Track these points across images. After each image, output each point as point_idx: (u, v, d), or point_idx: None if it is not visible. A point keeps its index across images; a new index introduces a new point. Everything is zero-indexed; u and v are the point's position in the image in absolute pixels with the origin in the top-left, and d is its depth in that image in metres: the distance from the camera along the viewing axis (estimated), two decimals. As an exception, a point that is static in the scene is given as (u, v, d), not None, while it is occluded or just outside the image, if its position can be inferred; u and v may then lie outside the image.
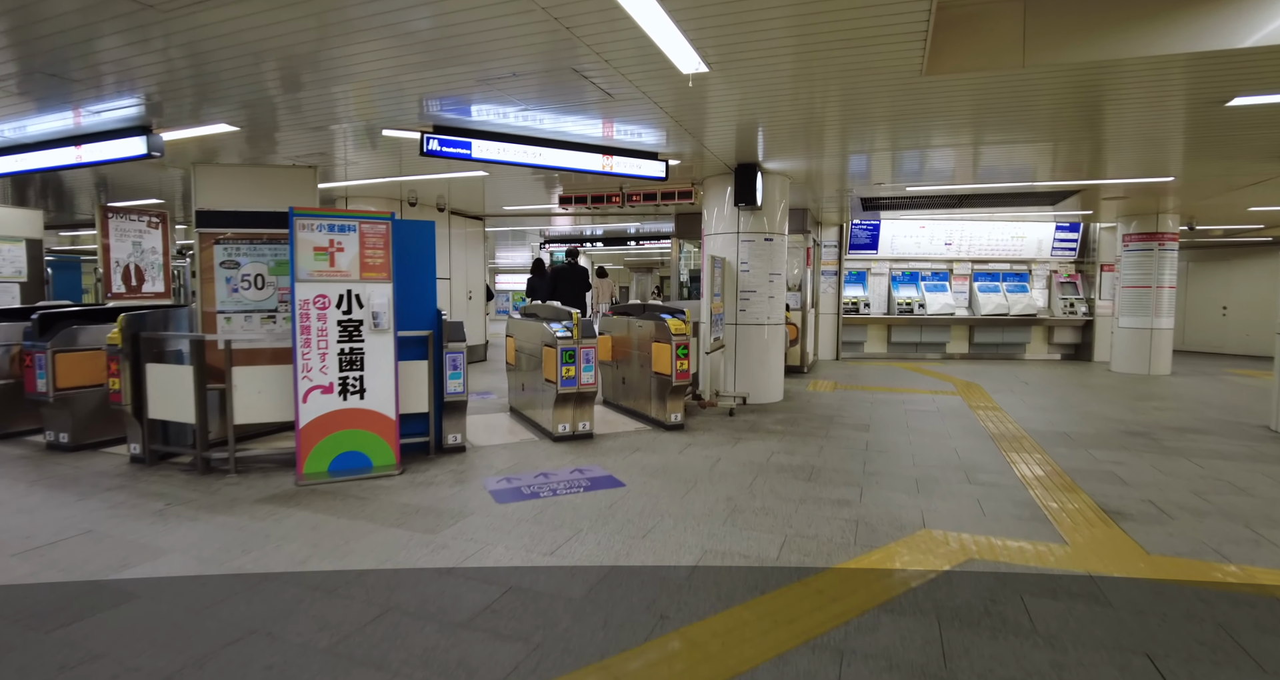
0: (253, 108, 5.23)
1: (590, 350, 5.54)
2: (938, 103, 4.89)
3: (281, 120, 5.53)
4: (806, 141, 6.21)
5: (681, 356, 5.91)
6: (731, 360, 7.60)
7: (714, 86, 4.54)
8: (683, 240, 11.30)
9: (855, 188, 8.92)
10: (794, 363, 10.13)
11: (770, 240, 7.54)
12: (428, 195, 9.92)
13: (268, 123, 5.61)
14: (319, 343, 4.66)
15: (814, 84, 4.48)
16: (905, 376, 10.41)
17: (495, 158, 5.79)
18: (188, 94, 4.93)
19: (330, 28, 3.63)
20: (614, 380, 7.30)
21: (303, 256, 4.59)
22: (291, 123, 5.62)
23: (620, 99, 4.80)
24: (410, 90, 4.74)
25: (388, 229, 4.77)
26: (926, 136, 6.05)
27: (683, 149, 6.45)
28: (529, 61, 4.06)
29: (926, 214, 12.15)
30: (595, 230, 15.79)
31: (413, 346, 5.13)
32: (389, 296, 4.77)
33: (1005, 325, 12.94)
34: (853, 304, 12.89)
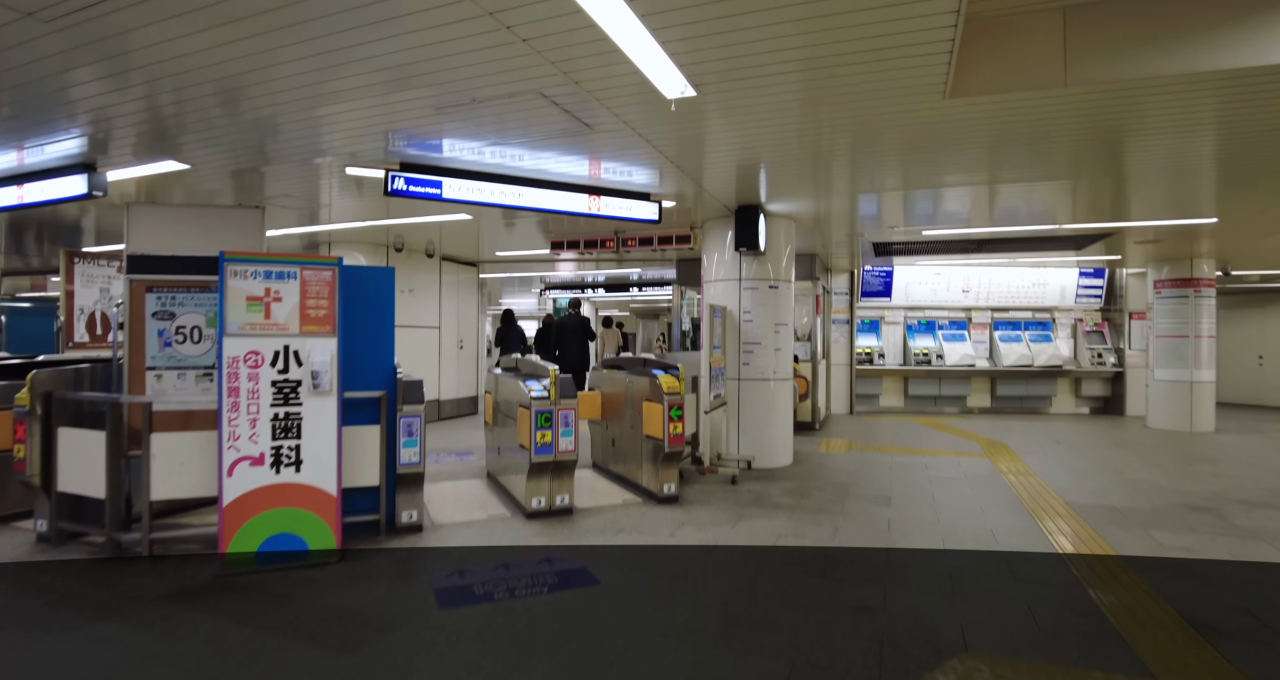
0: (200, 143, 4.73)
1: (569, 412, 4.87)
2: (958, 132, 4.31)
3: (236, 157, 5.03)
4: (813, 180, 5.64)
5: (675, 418, 5.22)
6: (734, 419, 6.89)
7: (704, 114, 3.98)
8: (684, 287, 10.73)
9: (866, 232, 8.35)
10: (804, 418, 9.38)
11: (775, 288, 6.92)
12: (415, 240, 9.44)
13: (221, 160, 5.11)
14: (249, 406, 4.02)
15: (821, 110, 3.91)
16: (925, 434, 9.62)
17: (469, 198, 5.25)
18: (126, 127, 4.44)
19: (257, 43, 3.11)
20: (604, 441, 6.60)
21: (233, 307, 4.00)
22: (248, 160, 5.12)
23: (600, 130, 4.25)
24: (367, 122, 4.22)
25: (334, 276, 4.18)
26: (942, 174, 5.48)
27: (677, 189, 5.90)
28: (489, 85, 3.53)
29: (942, 259, 11.55)
30: (597, 276, 15.29)
31: (362, 409, 4.48)
32: (332, 353, 4.15)
33: (1029, 377, 12.17)
34: (866, 354, 12.19)
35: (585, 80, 3.44)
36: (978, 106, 3.82)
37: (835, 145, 4.63)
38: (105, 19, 2.87)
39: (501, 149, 4.80)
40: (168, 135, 4.60)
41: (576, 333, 11.36)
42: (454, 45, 3.05)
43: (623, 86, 3.52)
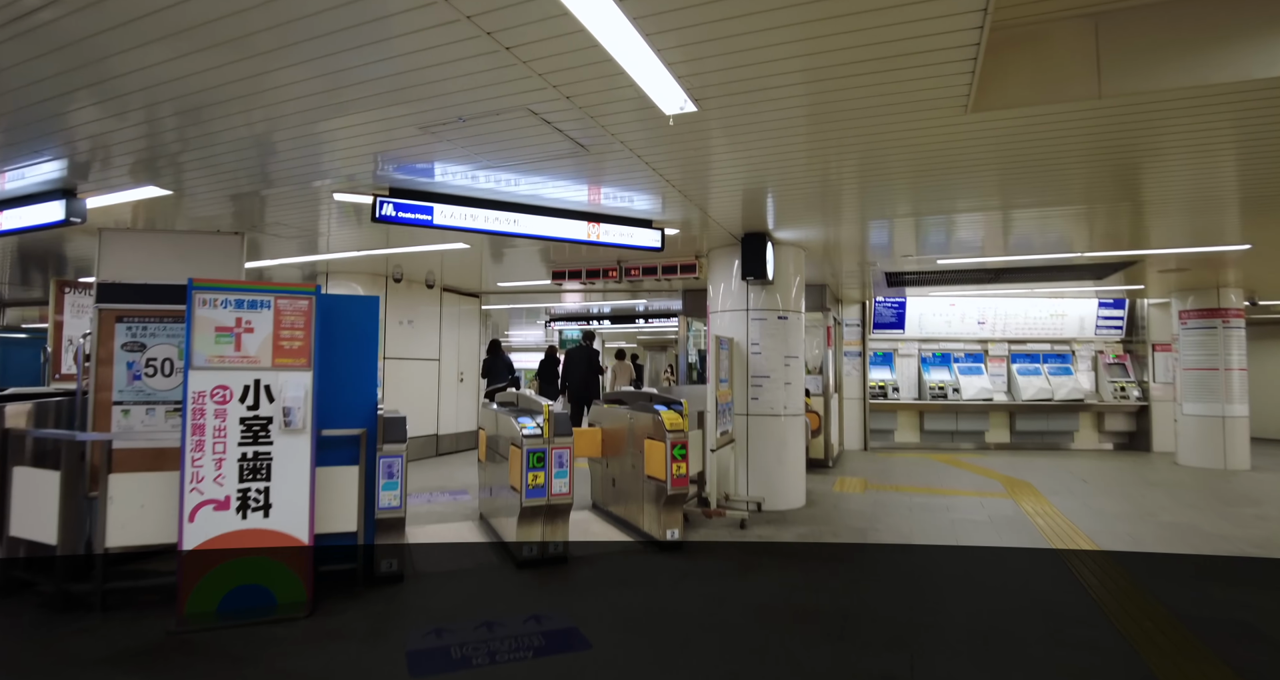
0: (180, 168, 4.53)
1: (564, 452, 4.53)
2: (976, 152, 4.03)
3: (218, 182, 4.82)
4: (823, 205, 5.37)
5: (678, 458, 4.87)
6: (743, 458, 6.51)
7: (706, 132, 3.73)
8: (690, 318, 10.45)
9: (879, 261, 8.06)
10: (817, 455, 8.97)
11: (785, 318, 6.61)
12: (415, 270, 9.23)
13: (203, 186, 4.90)
14: (215, 446, 3.72)
15: (830, 127, 3.65)
16: (944, 472, 9.17)
17: (461, 224, 5.01)
18: (106, 150, 4.24)
19: (240, 68, 2.89)
20: (604, 480, 6.23)
21: (200, 338, 3.72)
22: (231, 186, 4.91)
23: (597, 151, 4.00)
24: (350, 146, 4.00)
25: (310, 306, 3.91)
26: (957, 199, 5.18)
27: (680, 216, 5.64)
28: (473, 101, 3.29)
29: (956, 290, 11.22)
30: (603, 307, 15.05)
31: (340, 448, 4.16)
32: (307, 388, 3.85)
33: (1049, 411, 11.71)
34: (880, 388, 11.78)
35: (577, 95, 3.19)
36: (1000, 123, 3.54)
37: (845, 167, 4.36)
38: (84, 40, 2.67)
39: (495, 174, 4.57)
40: (148, 160, 4.40)
41: (583, 364, 11.11)
42: (432, 55, 2.82)
43: (618, 101, 3.27)
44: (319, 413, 3.98)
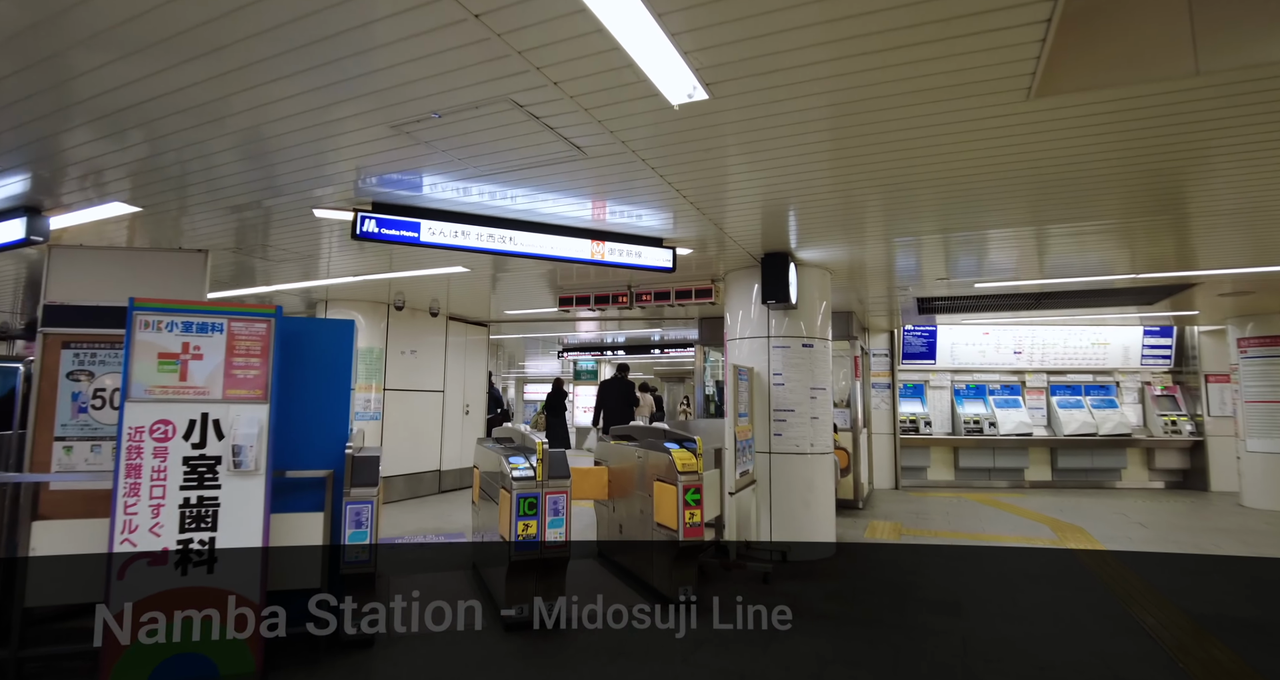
0: (148, 182, 4.13)
1: (560, 496, 3.98)
2: (1031, 148, 3.48)
3: (185, 198, 4.41)
4: (849, 218, 4.84)
5: (692, 503, 4.28)
6: (765, 501, 5.88)
7: (720, 127, 3.22)
8: (707, 348, 9.89)
9: (910, 286, 7.48)
10: (846, 496, 8.27)
11: (810, 346, 6.03)
12: (418, 298, 8.82)
13: (173, 202, 4.50)
14: (153, 490, 3.23)
15: (864, 118, 3.13)
16: (984, 514, 8.43)
17: (451, 242, 4.55)
18: (67, 163, 3.87)
19: (186, 72, 2.47)
20: (610, 524, 5.63)
21: (141, 366, 3.26)
22: (203, 203, 4.50)
23: (596, 154, 3.53)
24: (318, 147, 3.56)
25: (269, 330, 3.44)
26: (1003, 210, 4.60)
27: (694, 233, 5.14)
28: (447, 90, 2.83)
29: (991, 317, 10.56)
30: (617, 337, 14.58)
31: (302, 492, 3.65)
32: (262, 423, 3.36)
33: (1094, 447, 10.91)
34: (911, 422, 11.07)
35: (565, 80, 2.72)
36: (1065, 113, 3.01)
37: (879, 168, 3.81)
38: None
39: (486, 186, 4.12)
40: (114, 172, 4.02)
41: (616, 396, 10.77)
42: (387, 28, 2.37)
43: (615, 88, 2.80)
44: (279, 452, 3.49)
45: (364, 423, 8.53)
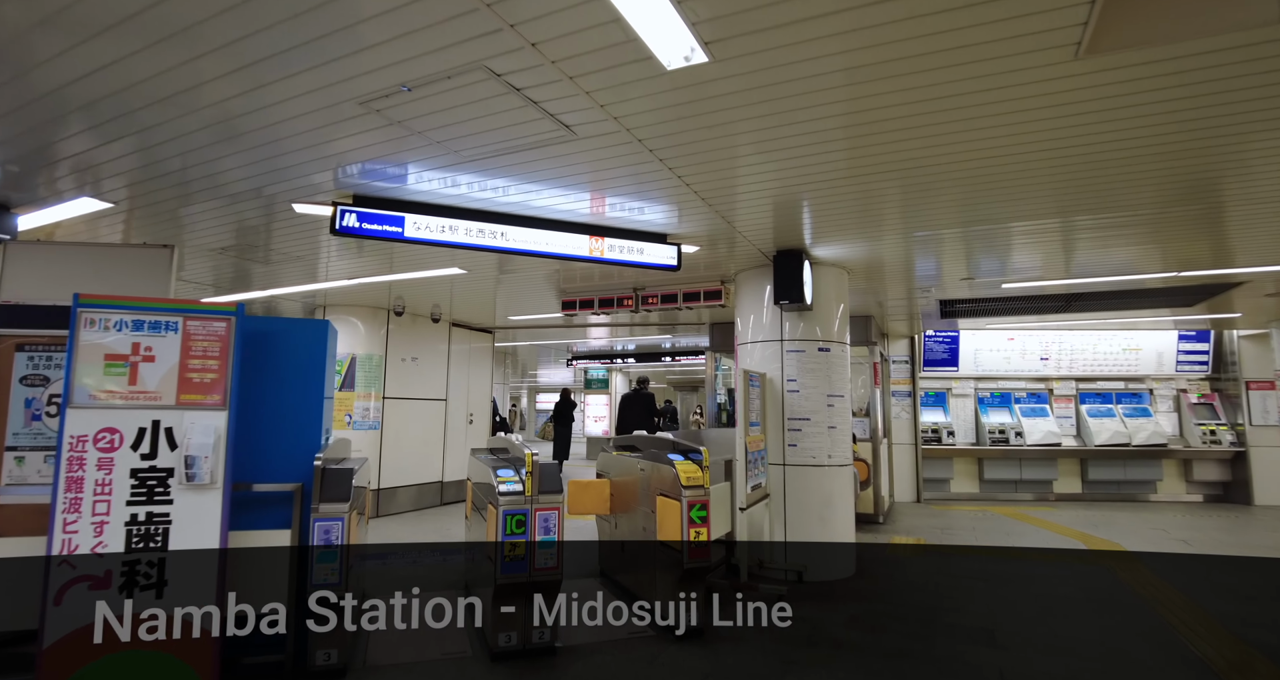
0: (118, 176, 3.87)
1: (551, 514, 3.63)
2: (1074, 118, 3.10)
3: (156, 192, 4.14)
4: (867, 210, 4.47)
5: (697, 520, 3.91)
6: (779, 517, 5.48)
7: (723, 98, 2.87)
8: (718, 354, 9.51)
9: (932, 289, 7.08)
10: (866, 510, 7.84)
11: (826, 350, 5.65)
12: (419, 302, 8.53)
13: (143, 197, 4.24)
14: (96, 505, 2.92)
15: (886, 84, 2.77)
16: (1013, 529, 7.95)
17: (438, 238, 4.24)
18: (30, 156, 3.62)
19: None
20: (612, 541, 5.26)
21: (86, 368, 2.96)
22: (177, 195, 4.23)
23: (586, 134, 3.20)
24: (290, 128, 3.26)
25: (229, 329, 3.13)
26: (1033, 198, 4.23)
27: (701, 228, 4.79)
28: (414, 57, 2.52)
29: (1017, 321, 10.10)
30: (627, 345, 14.23)
31: (268, 508, 3.33)
32: (219, 432, 3.04)
33: (1127, 458, 10.39)
34: (933, 432, 10.60)
35: (544, 41, 2.40)
36: (1115, 75, 2.63)
37: (905, 150, 3.44)
38: None
39: (472, 175, 3.80)
40: (81, 166, 3.76)
41: (638, 408, 10.58)
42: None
43: (602, 50, 2.47)
44: (242, 463, 3.18)
45: (362, 432, 8.24)
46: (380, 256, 6.00)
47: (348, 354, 8.35)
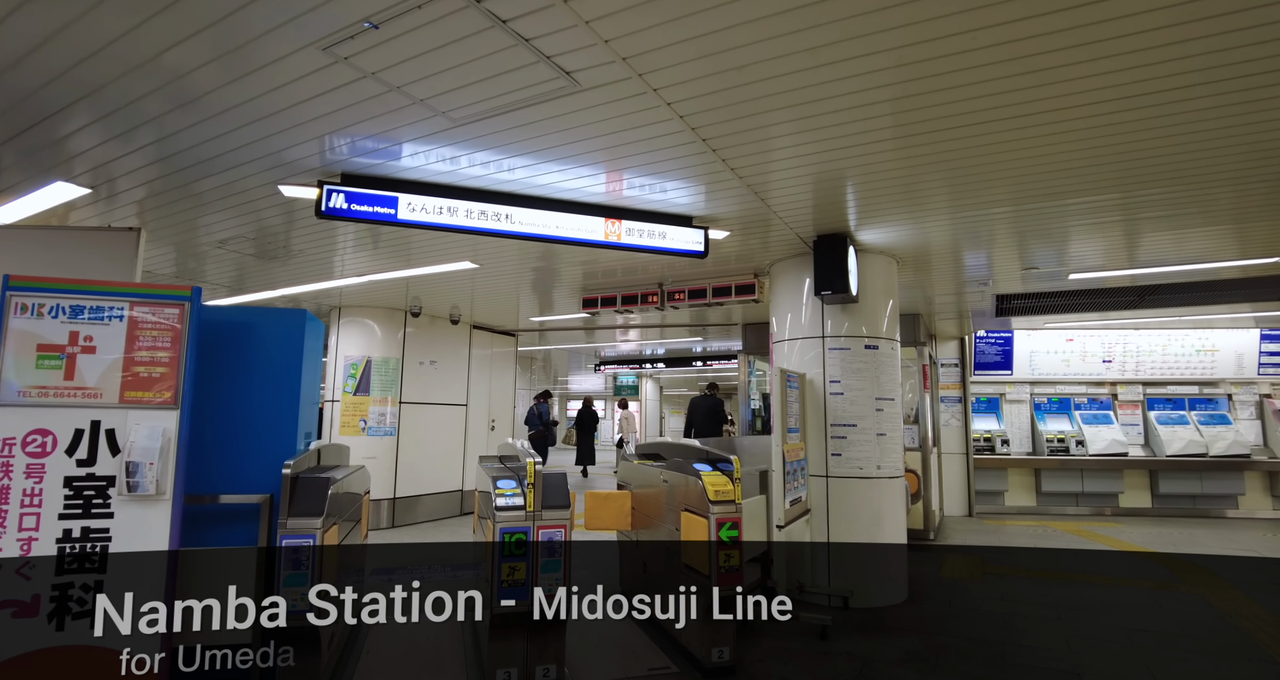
0: (79, 150, 3.52)
1: (557, 531, 3.13)
2: (1163, 69, 2.52)
3: (135, 170, 3.79)
4: (916, 185, 3.90)
5: (727, 541, 3.37)
6: (822, 535, 4.90)
7: (759, 26, 2.35)
8: (752, 357, 8.95)
9: (988, 283, 6.43)
10: (915, 525, 7.17)
11: (875, 348, 5.06)
12: (436, 303, 8.15)
13: (120, 181, 3.89)
14: (23, 519, 2.52)
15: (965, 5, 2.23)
16: (1081, 549, 7.18)
17: (435, 221, 3.81)
18: None
19: None
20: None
21: (15, 361, 2.57)
22: (157, 176, 3.88)
23: (592, 84, 2.71)
24: (257, 89, 2.86)
25: (182, 315, 2.72)
26: (1113, 174, 3.63)
27: (731, 207, 4.26)
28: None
29: (1078, 319, 9.32)
30: (657, 349, 13.73)
31: (231, 523, 2.90)
32: (170, 435, 2.63)
33: (1203, 470, 9.51)
34: (985, 440, 9.85)
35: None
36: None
37: (979, 95, 2.89)
38: None
39: (466, 148, 3.36)
40: (49, 146, 3.43)
41: (704, 412, 10.36)
42: None
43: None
44: (201, 471, 2.77)
45: (377, 438, 7.89)
46: (384, 249, 5.61)
47: (363, 357, 8.02)
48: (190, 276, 6.37)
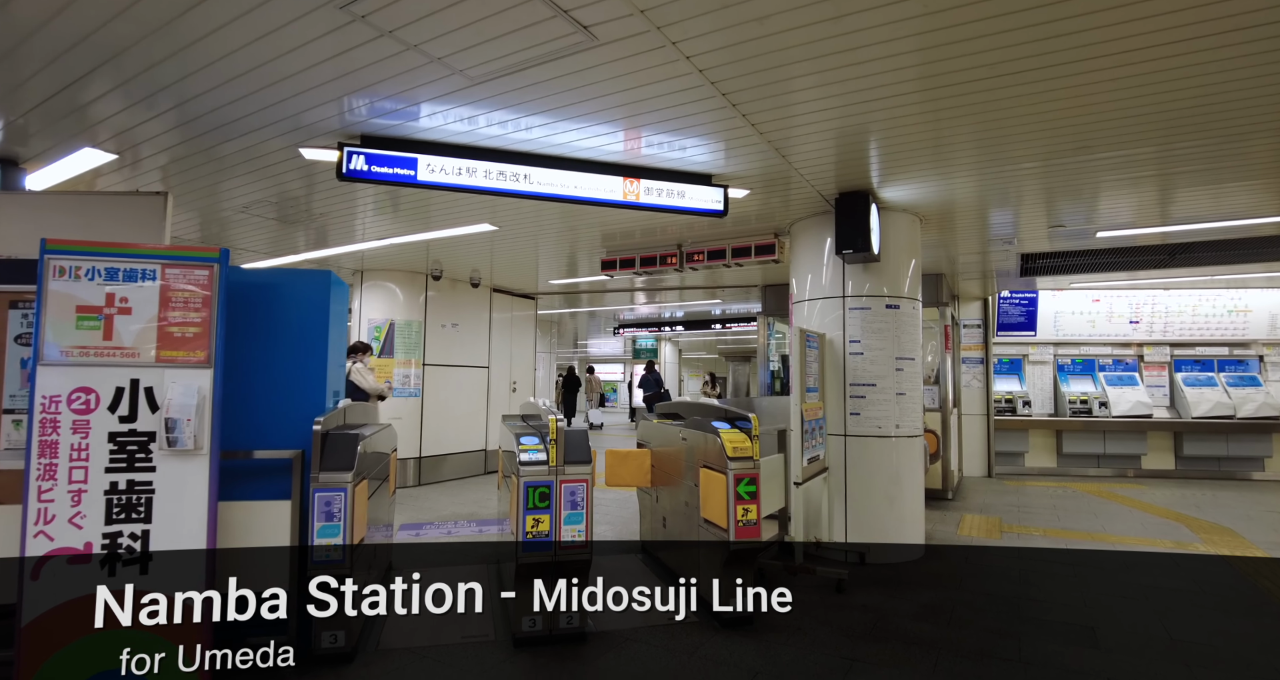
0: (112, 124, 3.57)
1: (579, 485, 3.21)
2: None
3: (158, 135, 3.83)
4: (943, 139, 3.82)
5: (745, 496, 3.44)
6: (839, 492, 4.95)
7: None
8: (771, 318, 8.93)
9: (1013, 242, 6.31)
10: (934, 485, 7.21)
11: (896, 308, 5.03)
12: (457, 266, 8.21)
13: (144, 146, 3.94)
14: (72, 472, 2.64)
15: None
16: (1101, 509, 7.21)
17: (454, 182, 3.82)
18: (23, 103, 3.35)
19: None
20: (654, 516, 4.85)
21: (55, 322, 2.66)
22: (180, 141, 3.92)
23: (609, 37, 2.67)
24: (274, 47, 2.86)
25: (212, 277, 2.78)
26: (1154, 125, 3.52)
27: (752, 165, 4.22)
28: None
29: (1105, 279, 9.13)
30: (675, 312, 13.72)
31: (265, 477, 3.01)
32: (204, 392, 2.72)
33: (1230, 432, 9.40)
34: (1007, 401, 9.81)
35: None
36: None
37: (1012, 41, 2.82)
38: None
39: (482, 107, 3.34)
40: (75, 112, 3.48)
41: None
42: None
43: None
44: (236, 427, 2.87)
45: (402, 399, 8.05)
46: (404, 212, 5.63)
47: (386, 320, 8.14)
48: (215, 242, 6.46)
